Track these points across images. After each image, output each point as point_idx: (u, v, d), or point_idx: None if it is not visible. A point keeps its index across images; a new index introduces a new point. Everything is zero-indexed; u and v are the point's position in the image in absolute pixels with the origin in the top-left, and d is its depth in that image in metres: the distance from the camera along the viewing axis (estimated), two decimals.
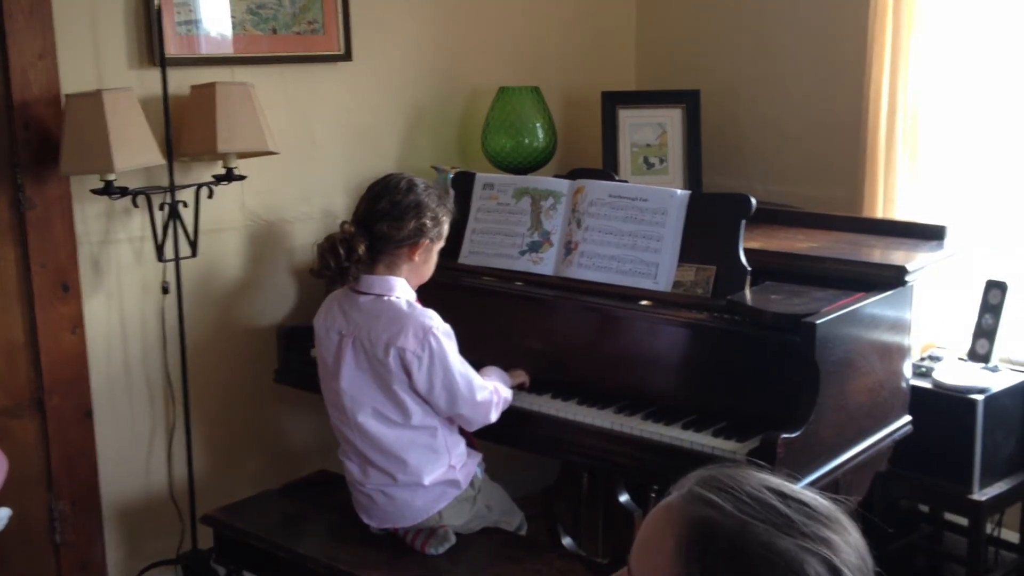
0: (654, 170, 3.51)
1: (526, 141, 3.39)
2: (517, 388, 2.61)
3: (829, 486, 2.35)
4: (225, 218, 3.07)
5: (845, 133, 3.31)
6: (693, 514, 1.05)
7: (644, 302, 2.59)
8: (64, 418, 2.85)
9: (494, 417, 2.50)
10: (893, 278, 2.49)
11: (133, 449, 3.02)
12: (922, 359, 2.99)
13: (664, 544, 1.05)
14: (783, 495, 1.06)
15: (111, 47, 2.82)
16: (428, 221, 2.46)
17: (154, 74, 2.82)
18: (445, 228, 2.54)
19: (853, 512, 1.11)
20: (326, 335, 2.51)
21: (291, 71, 3.14)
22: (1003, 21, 2.96)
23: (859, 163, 3.18)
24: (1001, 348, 2.93)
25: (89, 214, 2.84)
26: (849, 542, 1.04)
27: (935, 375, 2.84)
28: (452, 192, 3.07)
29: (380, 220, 2.43)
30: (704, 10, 3.75)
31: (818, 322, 2.22)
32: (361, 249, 2.40)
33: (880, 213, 3.10)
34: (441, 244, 2.55)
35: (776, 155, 3.58)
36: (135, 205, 2.84)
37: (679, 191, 2.65)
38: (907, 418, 2.63)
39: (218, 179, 2.91)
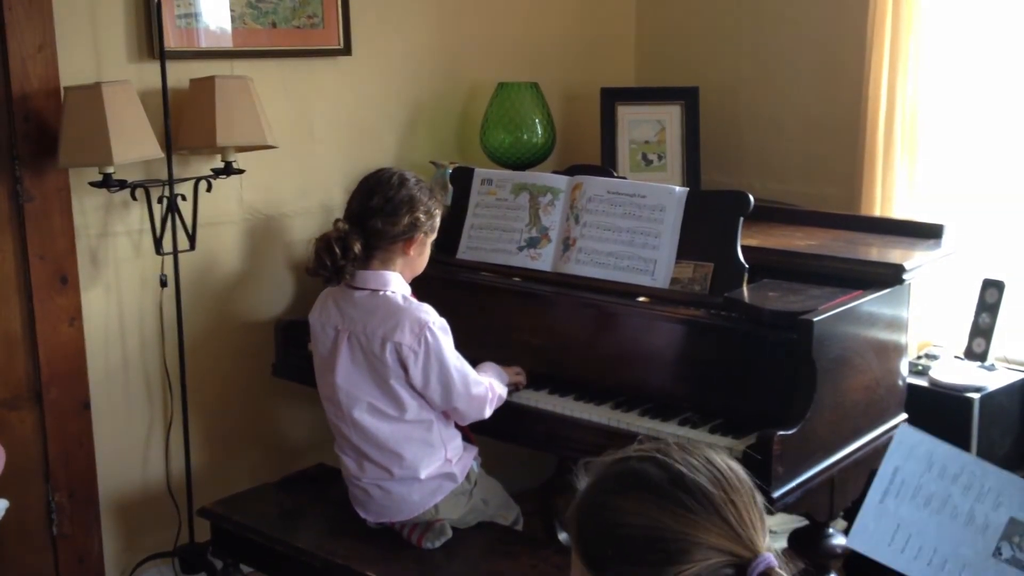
0: (652, 167, 3.51)
1: (525, 137, 3.39)
2: (513, 388, 2.61)
3: (825, 484, 2.36)
4: (223, 212, 3.07)
5: (843, 131, 3.31)
6: (574, 514, 1.21)
7: (642, 298, 2.59)
8: (62, 410, 2.85)
9: (488, 413, 2.50)
10: (890, 276, 2.50)
11: (131, 442, 3.03)
12: (919, 357, 3.00)
13: (573, 554, 1.20)
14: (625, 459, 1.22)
15: (110, 40, 2.82)
16: (422, 215, 2.47)
17: (153, 67, 2.82)
18: (437, 222, 2.55)
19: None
20: (322, 330, 2.52)
21: (290, 65, 3.14)
22: (1002, 20, 2.96)
23: (857, 161, 3.18)
24: (998, 347, 2.93)
25: (88, 207, 2.84)
26: (684, 447, 1.20)
27: (931, 373, 2.85)
28: (451, 188, 3.08)
29: (374, 216, 2.43)
30: (703, 8, 3.75)
31: (815, 320, 2.23)
32: (357, 247, 2.41)
33: (878, 211, 3.10)
34: (434, 237, 2.56)
35: (774, 153, 3.58)
36: (134, 198, 2.85)
37: (677, 188, 2.65)
38: (903, 416, 2.64)
39: (217, 173, 2.92)
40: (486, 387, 2.49)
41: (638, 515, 1.13)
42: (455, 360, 2.43)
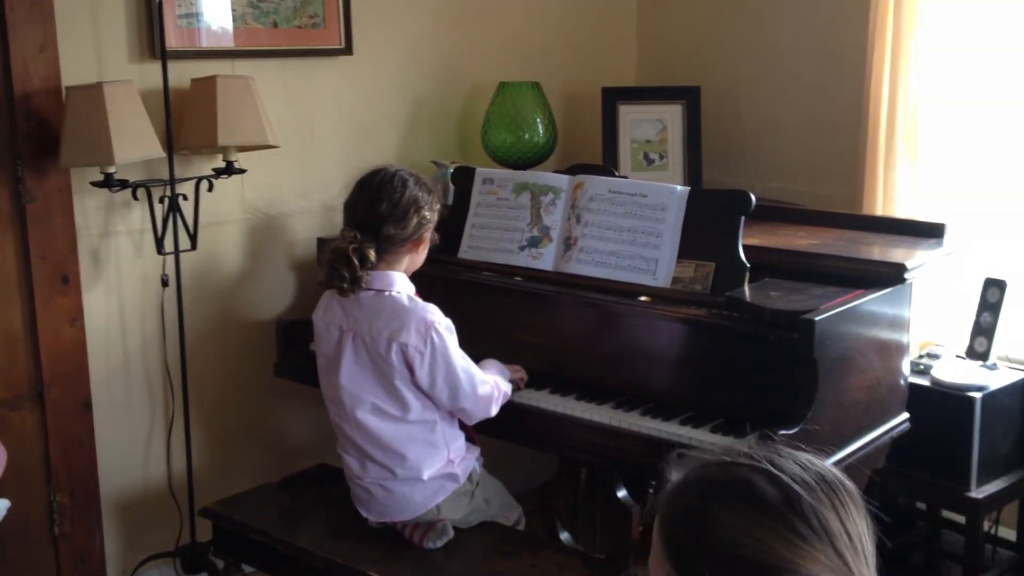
0: (654, 166, 3.51)
1: (526, 136, 3.39)
2: (515, 386, 2.61)
3: None
4: (225, 211, 3.08)
5: (845, 130, 3.31)
6: (666, 513, 1.10)
7: (643, 298, 2.59)
8: (63, 410, 2.85)
9: (494, 411, 2.50)
10: (892, 275, 2.49)
11: (132, 442, 3.03)
12: (920, 357, 2.99)
13: (656, 549, 1.10)
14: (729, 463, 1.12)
15: (112, 40, 2.82)
16: (427, 212, 2.48)
17: (155, 67, 2.82)
18: (436, 214, 2.55)
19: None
20: (326, 330, 2.51)
21: (292, 65, 3.14)
22: (1003, 20, 2.96)
23: (859, 160, 3.18)
24: (999, 346, 2.93)
25: (89, 206, 2.85)
26: (796, 459, 1.09)
27: (933, 373, 2.85)
28: (452, 187, 3.08)
29: (385, 223, 2.42)
30: (705, 7, 3.75)
31: (817, 319, 2.23)
32: (372, 255, 2.40)
33: (879, 210, 3.10)
34: (433, 226, 2.57)
35: (776, 152, 3.58)
36: (135, 198, 2.85)
37: (679, 187, 2.65)
38: (905, 415, 2.63)
39: (218, 172, 2.92)
40: (492, 385, 2.49)
41: (747, 535, 1.03)
42: (461, 360, 2.43)
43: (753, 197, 2.54)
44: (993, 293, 2.92)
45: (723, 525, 1.04)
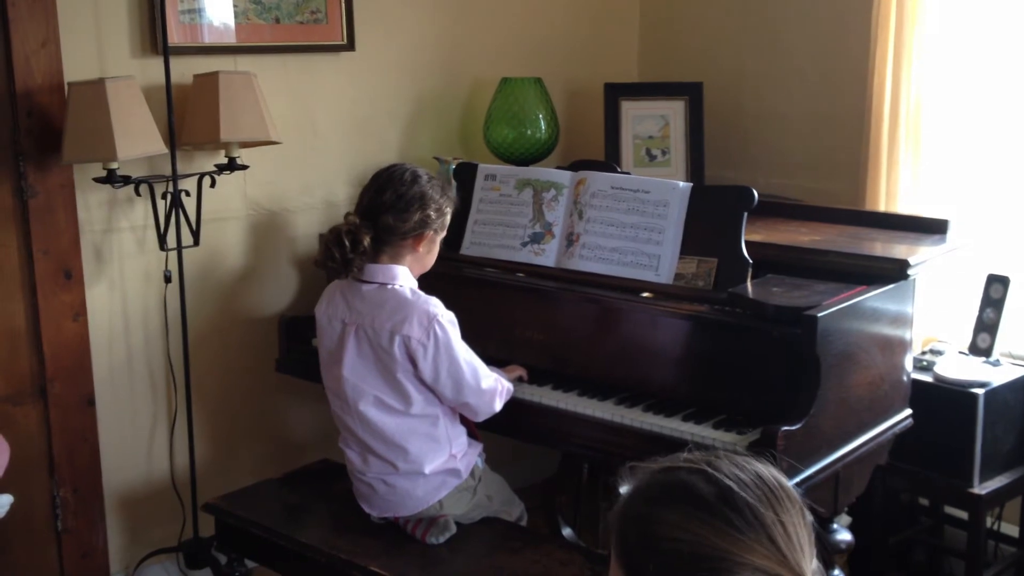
0: (656, 162, 3.51)
1: (528, 132, 3.39)
2: (516, 381, 2.61)
3: (829, 479, 2.36)
4: (227, 207, 3.08)
5: (848, 126, 3.31)
6: (616, 523, 1.18)
7: (645, 294, 2.59)
8: (66, 406, 2.86)
9: (498, 406, 2.50)
10: (895, 272, 2.49)
11: (135, 437, 3.03)
12: (923, 353, 2.99)
13: (612, 559, 1.18)
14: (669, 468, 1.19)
15: (114, 35, 2.82)
16: (432, 212, 2.47)
17: (157, 63, 2.82)
18: (448, 219, 2.54)
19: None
20: (328, 323, 2.52)
21: (294, 61, 3.14)
22: (1006, 15, 2.95)
23: (862, 156, 3.17)
24: (1002, 342, 2.93)
25: (92, 202, 2.85)
26: (734, 460, 1.16)
27: (936, 369, 2.84)
28: (454, 183, 3.07)
29: (385, 212, 2.43)
30: (707, 2, 3.74)
31: (819, 315, 2.23)
32: (366, 241, 2.41)
33: (882, 207, 3.10)
34: (443, 234, 2.56)
35: (779, 148, 3.57)
36: (138, 194, 2.85)
37: (681, 183, 2.65)
38: (908, 411, 2.63)
39: (220, 168, 2.92)
40: (495, 379, 2.49)
41: (683, 530, 1.10)
42: (464, 353, 2.43)
43: (755, 193, 2.54)
44: (996, 289, 2.92)
45: (662, 523, 1.11)
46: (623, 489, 1.19)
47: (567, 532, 2.97)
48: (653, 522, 1.12)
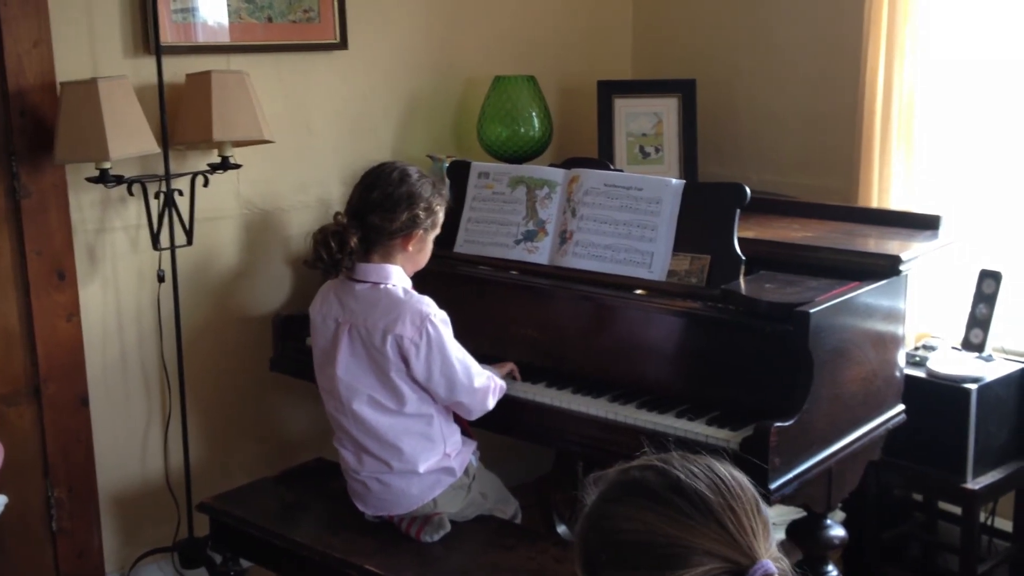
0: (650, 159, 3.51)
1: (522, 130, 3.39)
2: (508, 378, 2.62)
3: (822, 475, 2.37)
4: (221, 207, 3.07)
5: (840, 123, 3.31)
6: (577, 527, 1.22)
7: (639, 291, 2.60)
8: (60, 406, 2.85)
9: (492, 404, 2.50)
10: (887, 267, 2.50)
11: (129, 437, 3.03)
12: (916, 348, 3.00)
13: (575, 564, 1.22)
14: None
15: (107, 35, 2.81)
16: (421, 212, 2.46)
17: (150, 62, 2.82)
18: (440, 217, 2.54)
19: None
20: (322, 323, 2.52)
21: (287, 60, 3.13)
22: (998, 10, 2.96)
23: (854, 152, 3.18)
24: (995, 337, 2.94)
25: (84, 202, 2.84)
26: (687, 456, 1.19)
27: (929, 364, 2.85)
28: (448, 181, 3.07)
29: (372, 211, 2.43)
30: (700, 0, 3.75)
31: (812, 311, 2.23)
32: (353, 241, 2.41)
33: (875, 203, 3.10)
34: (436, 232, 2.56)
35: (771, 145, 3.58)
36: (131, 193, 2.84)
37: (674, 180, 2.65)
38: (901, 407, 2.64)
39: (213, 168, 2.91)
40: (488, 377, 2.50)
41: (634, 521, 1.13)
42: (457, 352, 2.43)
43: (748, 190, 2.54)
44: (989, 284, 2.92)
45: (616, 517, 1.15)
46: (588, 499, 1.23)
47: (561, 529, 2.97)
48: (608, 517, 1.17)
